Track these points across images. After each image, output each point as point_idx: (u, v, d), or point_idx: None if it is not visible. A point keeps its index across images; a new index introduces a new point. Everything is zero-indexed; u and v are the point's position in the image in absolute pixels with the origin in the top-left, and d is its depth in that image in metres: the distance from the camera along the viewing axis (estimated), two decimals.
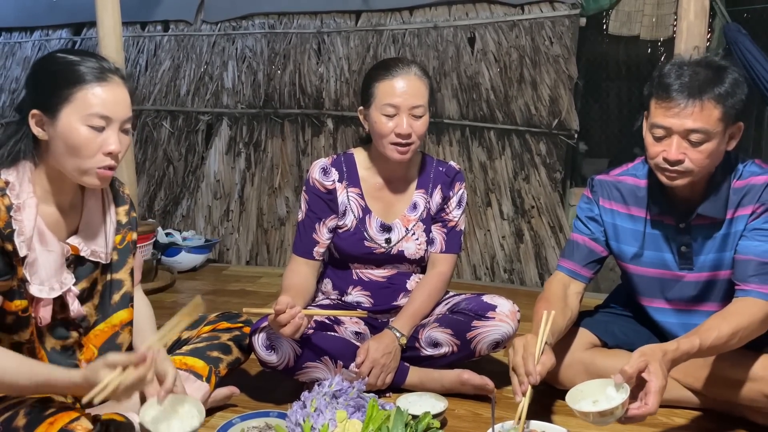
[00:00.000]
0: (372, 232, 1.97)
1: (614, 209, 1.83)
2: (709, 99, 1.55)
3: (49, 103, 1.38)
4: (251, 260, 3.91)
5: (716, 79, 1.56)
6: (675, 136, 1.58)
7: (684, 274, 1.77)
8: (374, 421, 1.49)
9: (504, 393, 1.97)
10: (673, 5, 3.45)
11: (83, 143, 1.38)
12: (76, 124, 1.37)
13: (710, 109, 1.55)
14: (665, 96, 1.58)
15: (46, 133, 1.39)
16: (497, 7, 3.63)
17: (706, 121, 1.55)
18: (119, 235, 1.59)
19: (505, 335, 1.87)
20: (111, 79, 1.41)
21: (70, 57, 1.42)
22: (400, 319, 1.92)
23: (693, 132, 1.56)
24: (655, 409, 1.41)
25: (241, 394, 1.87)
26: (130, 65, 4.25)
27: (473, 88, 3.62)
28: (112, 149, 1.40)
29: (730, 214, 1.70)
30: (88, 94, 1.38)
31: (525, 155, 3.56)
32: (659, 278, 1.80)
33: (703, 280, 1.76)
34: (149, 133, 4.24)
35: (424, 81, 1.90)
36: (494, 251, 3.56)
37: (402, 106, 1.85)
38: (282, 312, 1.63)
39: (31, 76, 1.44)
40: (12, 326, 1.42)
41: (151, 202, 4.20)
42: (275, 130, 3.98)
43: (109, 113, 1.39)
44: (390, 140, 1.86)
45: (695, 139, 1.57)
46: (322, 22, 3.94)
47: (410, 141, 1.86)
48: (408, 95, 1.85)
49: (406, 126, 1.84)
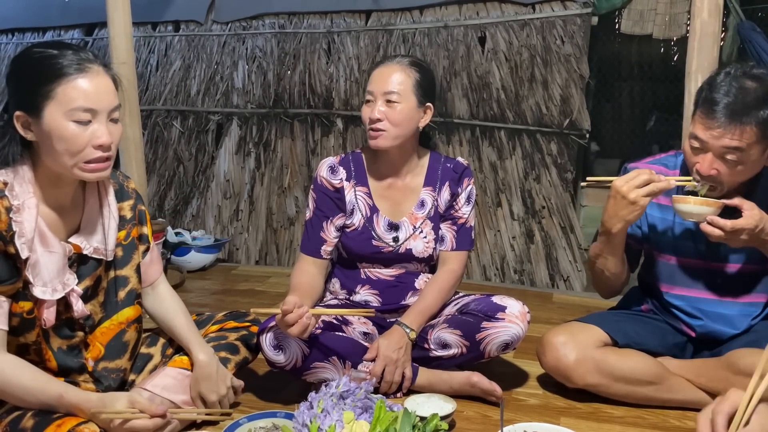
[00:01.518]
0: (380, 231, 1.96)
1: None
2: (751, 123, 1.55)
3: (31, 103, 1.34)
4: (260, 260, 3.91)
5: (761, 101, 1.56)
6: (710, 152, 1.60)
7: (711, 264, 1.78)
8: (382, 422, 1.47)
9: (513, 395, 1.95)
10: (686, 4, 3.41)
11: (71, 139, 1.33)
12: (61, 121, 1.33)
13: (749, 132, 1.57)
14: (709, 112, 1.59)
15: (33, 134, 1.36)
16: (508, 6, 3.61)
17: (744, 143, 1.57)
18: (123, 230, 1.58)
19: (515, 336, 1.85)
20: (90, 69, 1.36)
21: (46, 51, 1.36)
22: (410, 315, 1.91)
23: (729, 152, 1.58)
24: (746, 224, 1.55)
25: (248, 393, 1.86)
26: (141, 65, 4.27)
27: (484, 88, 3.59)
28: (102, 142, 1.36)
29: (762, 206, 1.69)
30: (68, 88, 1.33)
31: (536, 155, 3.53)
32: (686, 267, 1.81)
33: (731, 272, 1.77)
34: (159, 133, 4.25)
35: (408, 71, 1.89)
36: (504, 252, 3.54)
37: (375, 91, 1.89)
38: (289, 312, 1.62)
39: (10, 76, 1.38)
40: (18, 328, 1.42)
41: (162, 201, 4.21)
42: (285, 130, 3.97)
43: (93, 105, 1.35)
44: (367, 128, 1.90)
45: (730, 158, 1.59)
46: (332, 21, 3.94)
47: (380, 127, 1.87)
48: (383, 81, 1.88)
49: (375, 111, 1.87)
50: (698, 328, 1.83)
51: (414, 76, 1.89)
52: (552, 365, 1.85)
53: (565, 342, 1.82)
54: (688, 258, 1.81)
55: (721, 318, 1.80)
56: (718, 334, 1.81)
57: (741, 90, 1.57)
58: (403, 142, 1.92)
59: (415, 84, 1.89)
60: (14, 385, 1.37)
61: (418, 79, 1.90)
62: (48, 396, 1.38)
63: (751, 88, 1.58)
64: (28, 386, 1.37)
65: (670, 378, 1.79)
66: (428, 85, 1.93)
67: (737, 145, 1.57)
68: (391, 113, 1.87)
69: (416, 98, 1.90)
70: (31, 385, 1.37)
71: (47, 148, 1.37)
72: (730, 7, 3.37)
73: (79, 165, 1.37)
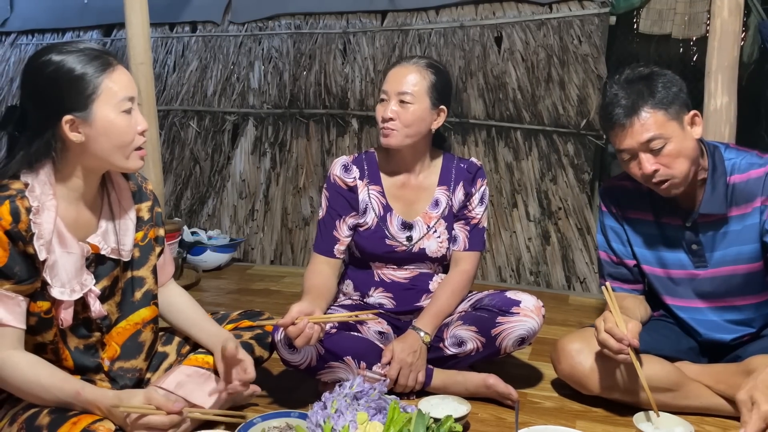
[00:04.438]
0: (393, 230, 1.95)
1: (625, 214, 1.86)
2: (647, 110, 1.62)
3: (79, 105, 1.37)
4: (275, 260, 3.92)
5: (647, 90, 1.64)
6: (639, 153, 1.65)
7: (699, 272, 1.78)
8: (395, 423, 1.46)
9: (528, 397, 1.93)
10: (706, 3, 3.36)
11: (123, 129, 1.41)
12: (112, 115, 1.39)
13: (653, 117, 1.62)
14: (611, 125, 1.67)
15: (81, 135, 1.39)
16: (525, 5, 3.58)
17: (655, 128, 1.62)
18: (141, 231, 1.59)
19: (531, 331, 1.83)
20: (113, 61, 1.43)
21: (70, 55, 1.38)
22: (423, 318, 1.90)
23: (649, 141, 1.63)
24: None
25: (262, 393, 1.86)
26: (159, 66, 4.30)
27: (500, 88, 3.57)
28: (144, 127, 1.45)
29: (737, 210, 1.71)
30: (110, 82, 1.39)
31: (552, 156, 3.50)
32: (675, 278, 1.82)
33: (720, 276, 1.76)
34: (176, 133, 4.28)
35: (424, 72, 1.89)
36: (520, 253, 3.51)
37: (390, 92, 1.89)
38: (287, 325, 1.61)
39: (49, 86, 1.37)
40: (35, 327, 1.43)
41: (178, 201, 4.24)
42: (300, 130, 3.98)
43: (132, 93, 1.43)
44: (379, 126, 1.91)
45: (655, 146, 1.63)
46: (347, 22, 3.94)
47: (391, 127, 1.88)
48: (397, 82, 1.89)
49: (388, 110, 1.88)
50: (699, 337, 1.84)
51: (429, 78, 1.89)
52: (567, 373, 1.83)
53: (580, 349, 1.80)
54: (676, 269, 1.81)
55: (717, 326, 1.81)
56: (719, 340, 1.82)
57: (625, 93, 1.65)
58: (415, 143, 1.92)
59: (430, 86, 1.89)
60: (31, 383, 1.38)
61: (433, 81, 1.90)
62: (65, 393, 1.39)
63: (633, 87, 1.64)
64: (45, 384, 1.38)
65: (688, 384, 1.76)
66: (443, 88, 1.93)
67: (653, 134, 1.62)
68: (403, 113, 1.87)
69: (430, 100, 1.89)
70: (48, 383, 1.39)
71: (98, 144, 1.40)
72: (750, 6, 3.31)
73: (130, 155, 1.44)
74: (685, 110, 1.66)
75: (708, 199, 1.71)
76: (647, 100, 1.63)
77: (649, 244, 1.83)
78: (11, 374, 1.38)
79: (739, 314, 1.80)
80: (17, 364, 1.38)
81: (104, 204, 1.53)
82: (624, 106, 1.64)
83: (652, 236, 1.82)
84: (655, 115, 1.62)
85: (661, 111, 1.62)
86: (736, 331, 1.81)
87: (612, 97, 1.67)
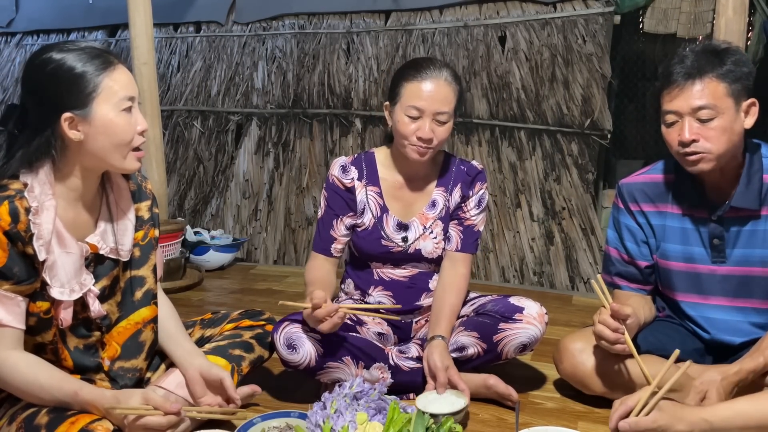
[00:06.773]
0: (389, 231, 1.95)
1: (643, 210, 1.82)
2: (711, 77, 1.59)
3: (79, 103, 1.37)
4: (278, 260, 3.93)
5: (717, 60, 1.60)
6: (685, 117, 1.61)
7: (716, 268, 1.74)
8: (395, 424, 1.46)
9: (529, 398, 1.93)
10: (711, 2, 3.34)
11: (123, 128, 1.40)
12: (111, 113, 1.39)
13: (714, 86, 1.58)
14: (669, 82, 1.63)
15: (81, 133, 1.38)
16: (529, 5, 3.58)
17: (712, 97, 1.58)
18: (141, 231, 1.59)
19: (533, 338, 1.82)
20: (114, 60, 1.42)
21: (71, 54, 1.38)
22: (440, 324, 1.86)
23: (700, 109, 1.59)
24: None
25: (262, 393, 1.86)
26: (163, 66, 4.32)
27: (503, 88, 3.56)
28: (144, 126, 1.45)
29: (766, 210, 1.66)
30: (110, 80, 1.39)
31: (556, 156, 3.49)
32: (692, 273, 1.78)
33: (736, 275, 1.73)
34: (180, 133, 4.29)
35: (453, 87, 1.86)
36: (524, 253, 3.50)
37: (426, 110, 1.82)
38: (319, 306, 1.63)
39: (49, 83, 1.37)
40: (35, 327, 1.43)
41: (182, 201, 4.25)
42: (304, 130, 3.98)
43: (132, 92, 1.43)
44: (411, 142, 1.85)
45: (704, 116, 1.59)
46: (351, 22, 3.94)
47: (431, 146, 1.85)
48: (434, 100, 1.82)
49: (428, 130, 1.82)
50: (707, 337, 1.80)
51: (456, 91, 1.87)
52: (569, 372, 1.82)
53: (582, 349, 1.79)
54: (694, 263, 1.77)
55: (729, 327, 1.77)
56: (728, 342, 1.78)
57: (695, 57, 1.62)
58: None
59: (458, 101, 1.88)
60: (30, 383, 1.39)
61: (459, 93, 1.88)
62: (63, 393, 1.39)
63: (703, 56, 1.62)
64: (44, 384, 1.39)
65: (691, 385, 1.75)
66: (462, 98, 1.93)
67: (705, 99, 1.58)
68: (439, 131, 1.84)
69: (456, 114, 1.89)
70: (47, 383, 1.39)
71: (96, 143, 1.40)
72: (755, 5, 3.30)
73: (128, 154, 1.44)
74: (745, 95, 1.62)
75: (742, 192, 1.66)
76: (715, 68, 1.59)
77: (670, 238, 1.79)
78: (10, 374, 1.38)
79: (759, 317, 1.75)
80: (16, 364, 1.38)
81: (103, 204, 1.53)
82: (689, 66, 1.60)
83: (673, 229, 1.78)
84: (716, 85, 1.58)
85: (723, 83, 1.59)
86: (750, 334, 1.76)
87: (680, 56, 1.63)
